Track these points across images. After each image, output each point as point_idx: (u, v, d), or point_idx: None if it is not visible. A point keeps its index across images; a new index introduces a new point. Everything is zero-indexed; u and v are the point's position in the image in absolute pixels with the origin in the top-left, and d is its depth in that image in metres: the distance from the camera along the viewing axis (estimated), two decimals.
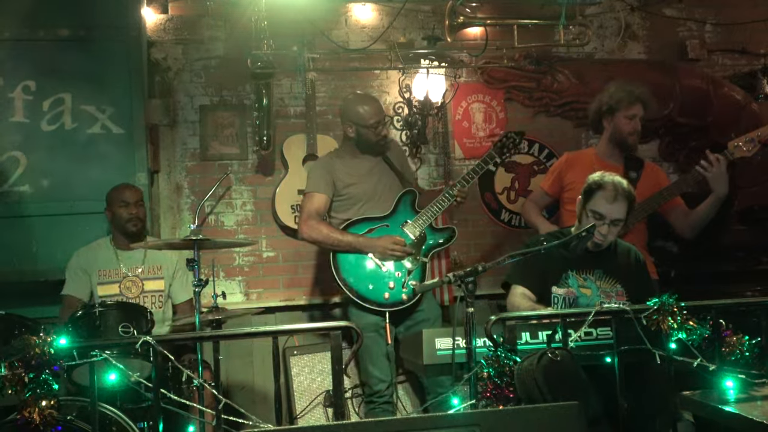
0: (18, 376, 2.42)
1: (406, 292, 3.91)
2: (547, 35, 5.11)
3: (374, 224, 3.99)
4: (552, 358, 2.52)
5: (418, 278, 3.96)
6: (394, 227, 3.98)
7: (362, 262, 3.94)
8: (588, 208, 3.38)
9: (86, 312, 3.40)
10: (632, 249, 3.58)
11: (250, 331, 3.04)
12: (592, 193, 3.39)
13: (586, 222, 3.36)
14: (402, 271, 3.94)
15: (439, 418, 2.14)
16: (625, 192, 3.35)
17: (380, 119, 4.00)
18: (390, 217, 4.01)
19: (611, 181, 3.37)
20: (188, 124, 4.93)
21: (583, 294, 3.35)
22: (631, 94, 4.08)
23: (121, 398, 3.35)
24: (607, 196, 3.32)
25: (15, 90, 4.42)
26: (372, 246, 3.90)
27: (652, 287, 3.53)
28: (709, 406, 2.50)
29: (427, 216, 4.01)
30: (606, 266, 3.42)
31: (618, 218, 3.34)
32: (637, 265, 3.52)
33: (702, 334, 2.77)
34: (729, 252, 5.15)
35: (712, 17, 5.55)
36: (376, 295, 3.91)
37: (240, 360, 4.77)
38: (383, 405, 3.96)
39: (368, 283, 3.92)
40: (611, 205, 3.32)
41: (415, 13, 5.13)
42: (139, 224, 4.11)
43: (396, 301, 3.91)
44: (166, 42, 4.90)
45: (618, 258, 3.49)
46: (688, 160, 5.41)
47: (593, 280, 3.39)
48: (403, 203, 4.05)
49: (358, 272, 3.93)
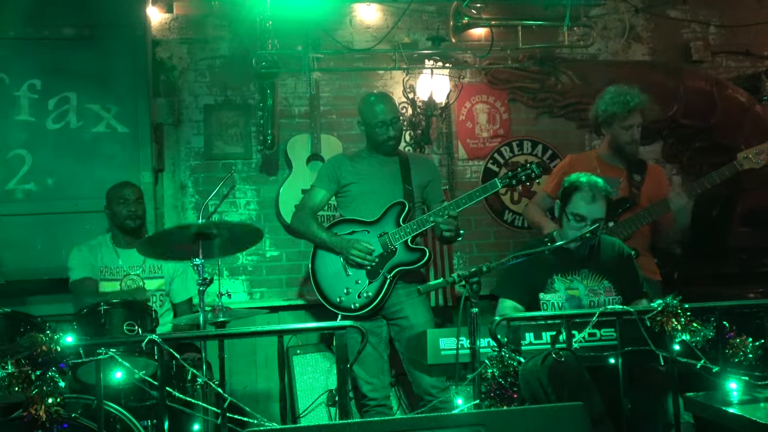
0: (25, 374, 2.44)
1: (359, 301, 3.86)
2: (552, 36, 5.11)
3: (357, 227, 3.93)
4: (556, 358, 2.53)
5: (374, 292, 3.85)
6: (373, 235, 3.90)
7: (332, 261, 3.93)
8: (568, 211, 3.38)
9: (91, 310, 3.40)
10: (616, 243, 3.56)
11: (256, 330, 3.04)
12: (569, 196, 3.38)
13: (568, 226, 3.36)
14: (362, 281, 3.88)
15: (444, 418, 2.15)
16: (602, 191, 3.36)
17: (386, 119, 3.93)
18: (374, 224, 3.92)
19: (587, 182, 3.37)
20: (193, 123, 4.95)
21: (571, 296, 3.35)
22: (626, 105, 3.99)
23: (125, 396, 3.36)
24: (586, 197, 3.33)
25: (20, 88, 4.44)
26: (340, 246, 3.87)
27: (640, 279, 3.51)
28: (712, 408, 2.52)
29: (405, 232, 3.86)
30: (590, 265, 3.41)
31: (599, 218, 3.33)
32: (622, 258, 3.50)
33: (706, 336, 2.77)
34: (732, 254, 5.15)
35: (717, 19, 5.55)
36: (331, 295, 3.90)
37: (243, 359, 4.79)
38: (377, 408, 3.93)
39: (329, 281, 3.92)
40: (591, 206, 3.32)
41: (420, 14, 5.14)
42: (138, 221, 4.09)
43: (346, 306, 3.85)
44: (171, 41, 4.92)
45: (602, 254, 3.47)
46: (692, 162, 5.43)
47: (579, 280, 3.39)
48: (390, 214, 3.92)
49: (325, 269, 3.94)
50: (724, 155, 4.65)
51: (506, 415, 2.19)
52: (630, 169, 4.12)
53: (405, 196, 3.96)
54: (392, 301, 3.89)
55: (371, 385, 3.90)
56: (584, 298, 3.35)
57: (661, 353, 2.78)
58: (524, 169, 3.84)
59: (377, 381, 3.92)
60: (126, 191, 4.10)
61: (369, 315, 3.87)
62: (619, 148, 4.10)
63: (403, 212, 3.91)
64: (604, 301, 3.33)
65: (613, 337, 2.85)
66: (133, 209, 4.06)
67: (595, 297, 3.35)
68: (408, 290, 3.88)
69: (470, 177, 5.25)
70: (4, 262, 4.31)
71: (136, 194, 4.13)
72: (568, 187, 3.42)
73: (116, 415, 3.13)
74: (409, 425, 2.11)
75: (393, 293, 3.88)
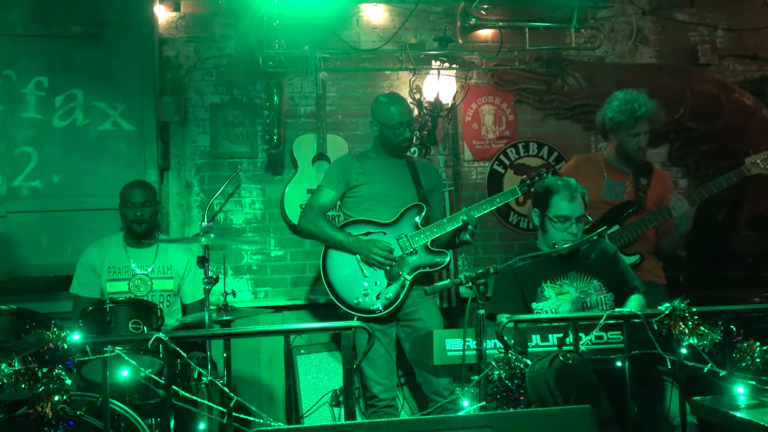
0: (31, 371, 2.43)
1: (378, 303, 3.86)
2: (559, 38, 5.10)
3: (373, 229, 3.94)
4: (564, 361, 2.52)
5: (394, 294, 3.86)
6: (390, 237, 3.91)
7: (347, 262, 3.91)
8: (549, 215, 3.38)
9: (97, 308, 3.40)
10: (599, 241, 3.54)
11: (262, 330, 3.04)
12: (547, 201, 3.40)
13: (553, 229, 3.37)
14: (381, 282, 3.88)
15: (452, 420, 2.14)
16: (578, 188, 3.39)
17: (402, 121, 3.95)
18: (391, 226, 3.93)
19: (561, 183, 3.40)
20: (199, 122, 4.95)
21: (563, 301, 3.35)
22: (633, 114, 3.96)
23: (130, 394, 3.36)
24: (565, 196, 3.36)
25: (27, 86, 4.45)
26: (358, 247, 3.87)
27: (629, 274, 3.50)
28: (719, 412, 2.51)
29: (425, 235, 3.89)
30: (577, 266, 3.41)
31: (581, 214, 3.36)
32: (608, 256, 3.50)
33: (713, 340, 2.76)
34: (738, 257, 5.14)
35: (724, 22, 5.54)
36: (348, 297, 3.87)
37: (247, 358, 4.79)
38: (385, 409, 3.93)
39: (345, 284, 3.89)
40: (572, 204, 3.35)
41: (427, 14, 5.13)
42: (143, 226, 4.06)
43: (365, 308, 3.84)
44: (178, 39, 4.92)
45: (586, 254, 3.47)
46: (698, 165, 5.42)
47: (569, 283, 3.39)
48: (408, 216, 3.95)
49: (340, 270, 3.92)
50: (731, 159, 4.66)
51: (513, 418, 2.18)
52: (636, 172, 4.10)
53: (420, 199, 3.99)
54: (407, 303, 3.91)
55: (382, 386, 3.91)
56: (577, 302, 3.34)
57: (668, 356, 2.77)
58: (540, 177, 3.87)
59: (387, 382, 3.93)
60: (135, 193, 4.08)
61: (388, 317, 3.88)
62: (626, 155, 4.08)
63: (421, 214, 3.95)
64: (596, 300, 3.33)
65: (620, 340, 2.84)
66: (139, 213, 4.04)
67: (587, 297, 3.35)
68: (419, 292, 3.89)
69: (476, 178, 5.25)
70: (9, 259, 4.31)
71: (145, 196, 4.10)
72: (542, 193, 3.44)
73: (121, 414, 3.13)
74: (417, 427, 2.10)
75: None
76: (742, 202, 5.17)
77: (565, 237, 3.34)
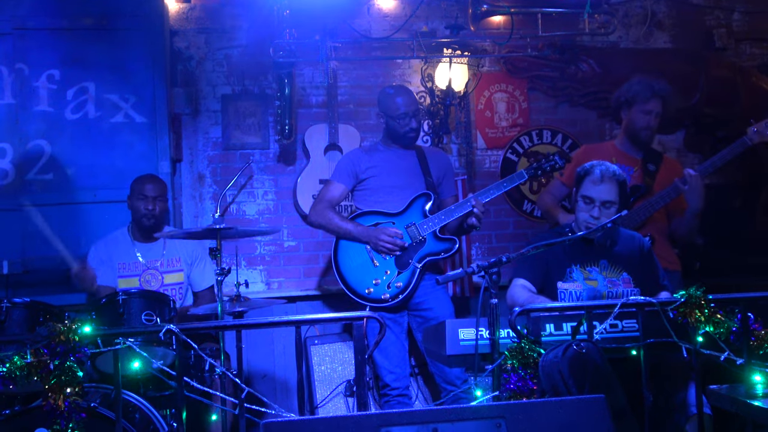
0: (44, 363, 2.44)
1: (389, 292, 3.88)
2: (572, 24, 5.03)
3: (382, 219, 3.97)
4: (578, 350, 2.49)
5: (404, 282, 3.88)
6: (399, 226, 3.93)
7: (357, 252, 3.94)
8: (578, 195, 3.41)
9: (110, 300, 3.41)
10: (636, 236, 3.54)
11: (274, 321, 3.03)
12: (580, 181, 3.42)
13: (578, 209, 3.40)
14: (392, 271, 3.90)
15: (465, 410, 2.12)
16: (613, 174, 3.36)
17: (408, 111, 3.98)
18: (400, 215, 3.97)
19: (598, 165, 3.40)
20: (210, 113, 4.94)
21: (590, 287, 3.34)
22: (650, 88, 4.00)
23: (143, 386, 3.37)
24: (594, 179, 3.36)
25: (39, 79, 4.46)
26: (367, 235, 3.90)
27: (661, 273, 3.49)
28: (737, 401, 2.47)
29: (434, 222, 3.91)
30: (609, 256, 3.41)
31: (608, 200, 3.34)
32: (642, 252, 3.48)
33: (730, 328, 2.73)
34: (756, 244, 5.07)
35: (740, 5, 5.44)
36: (359, 287, 3.90)
37: (261, 349, 4.79)
38: (398, 398, 3.95)
39: (356, 273, 3.92)
40: (599, 187, 3.34)
41: (438, 2, 5.09)
42: (153, 220, 4.05)
43: (376, 298, 3.87)
44: (189, 31, 4.91)
45: (620, 246, 3.46)
46: (714, 151, 5.32)
47: (598, 271, 3.39)
48: (416, 205, 3.98)
49: (351, 261, 3.95)
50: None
51: (527, 408, 2.16)
52: (645, 159, 4.10)
53: (428, 188, 4.03)
54: (418, 293, 3.92)
55: (394, 375, 3.94)
56: (603, 288, 3.33)
57: (684, 345, 2.73)
58: (548, 160, 3.94)
59: (399, 370, 3.96)
60: (148, 186, 4.07)
61: (399, 305, 3.88)
62: (635, 134, 4.07)
63: (429, 203, 3.98)
64: (622, 292, 3.31)
65: (635, 329, 2.80)
66: (150, 207, 4.03)
67: (613, 288, 3.34)
68: (430, 282, 3.91)
69: (489, 166, 5.21)
70: (23, 252, 4.33)
71: (157, 190, 4.09)
72: (579, 171, 3.46)
73: (135, 405, 3.14)
74: (429, 417, 2.09)
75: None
76: (759, 187, 5.09)
77: (587, 219, 3.34)
